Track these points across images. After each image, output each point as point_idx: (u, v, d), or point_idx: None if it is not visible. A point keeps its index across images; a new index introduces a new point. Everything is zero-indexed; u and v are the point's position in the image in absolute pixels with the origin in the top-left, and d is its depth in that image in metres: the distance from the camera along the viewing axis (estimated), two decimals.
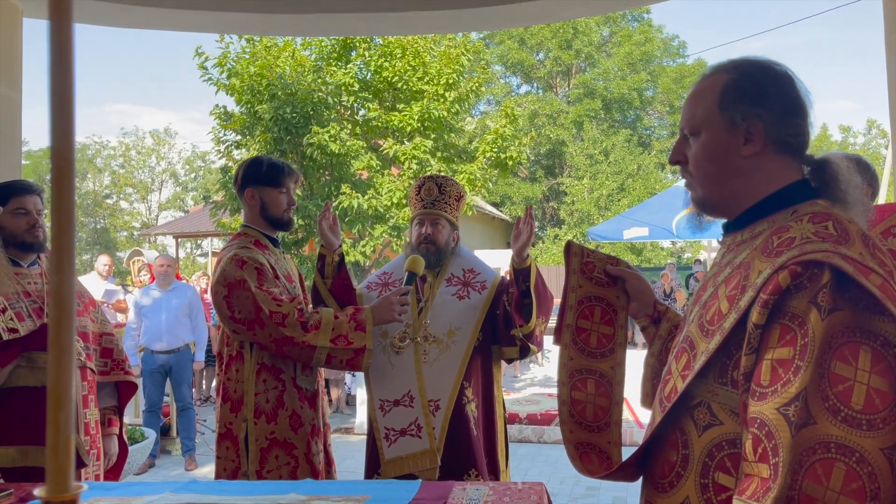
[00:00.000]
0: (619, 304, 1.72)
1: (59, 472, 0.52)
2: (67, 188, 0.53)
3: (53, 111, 0.53)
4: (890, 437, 0.97)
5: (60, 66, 0.53)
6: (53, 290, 0.52)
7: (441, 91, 8.35)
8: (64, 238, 0.53)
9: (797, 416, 1.00)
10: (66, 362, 0.53)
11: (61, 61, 0.53)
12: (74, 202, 0.53)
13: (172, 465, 6.20)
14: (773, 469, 1.00)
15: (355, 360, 2.41)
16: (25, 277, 2.46)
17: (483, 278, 2.75)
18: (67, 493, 0.52)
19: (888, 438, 0.97)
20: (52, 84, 0.53)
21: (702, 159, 1.31)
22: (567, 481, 5.53)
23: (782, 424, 1.01)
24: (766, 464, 1.02)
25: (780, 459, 1.00)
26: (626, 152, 27.07)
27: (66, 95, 0.53)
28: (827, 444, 0.98)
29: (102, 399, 2.68)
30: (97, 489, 1.37)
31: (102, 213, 39.35)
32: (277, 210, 2.60)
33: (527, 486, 1.25)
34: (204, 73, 8.15)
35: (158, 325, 6.13)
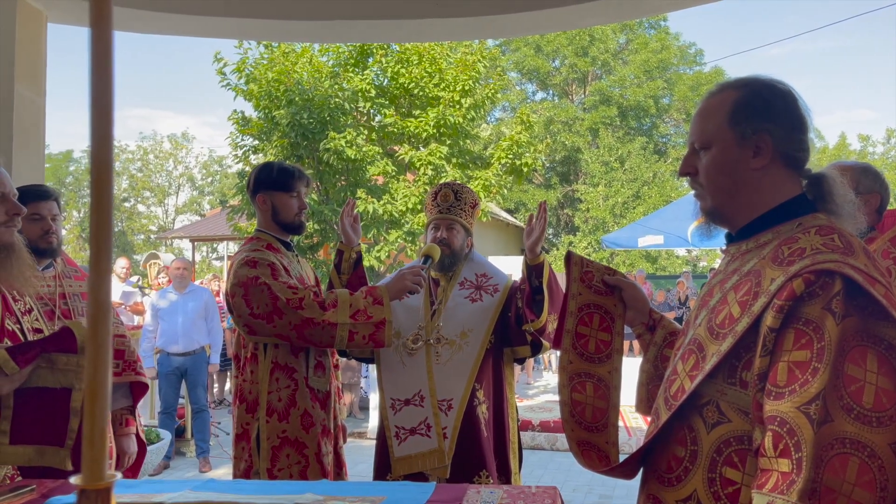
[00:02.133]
0: (616, 312, 1.80)
1: (95, 462, 0.54)
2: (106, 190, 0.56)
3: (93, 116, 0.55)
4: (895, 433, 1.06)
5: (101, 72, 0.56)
6: (91, 287, 0.55)
7: (457, 97, 8.39)
8: (102, 237, 0.55)
9: (818, 414, 1.07)
10: (103, 357, 0.55)
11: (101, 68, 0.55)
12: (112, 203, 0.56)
13: (187, 467, 6.25)
14: (796, 464, 1.07)
15: (377, 335, 2.43)
16: (38, 280, 2.50)
17: (495, 282, 2.78)
18: (102, 482, 0.54)
19: (894, 434, 1.06)
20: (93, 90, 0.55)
21: (713, 171, 1.38)
22: (580, 489, 5.52)
23: (804, 422, 1.08)
24: (788, 459, 1.08)
25: (804, 454, 1.07)
26: (642, 160, 26.95)
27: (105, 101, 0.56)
28: (843, 440, 1.06)
29: (118, 400, 2.72)
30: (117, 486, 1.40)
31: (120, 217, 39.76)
32: (289, 214, 2.65)
33: (540, 489, 1.27)
34: (223, 79, 8.24)
35: (175, 328, 6.19)
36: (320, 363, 2.62)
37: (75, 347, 1.50)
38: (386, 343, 2.46)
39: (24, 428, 1.47)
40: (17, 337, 1.70)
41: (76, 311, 2.55)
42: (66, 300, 2.53)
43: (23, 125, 3.00)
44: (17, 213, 1.70)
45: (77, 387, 1.52)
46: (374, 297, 2.46)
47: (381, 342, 2.45)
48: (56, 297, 2.51)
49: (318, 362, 2.61)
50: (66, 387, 1.52)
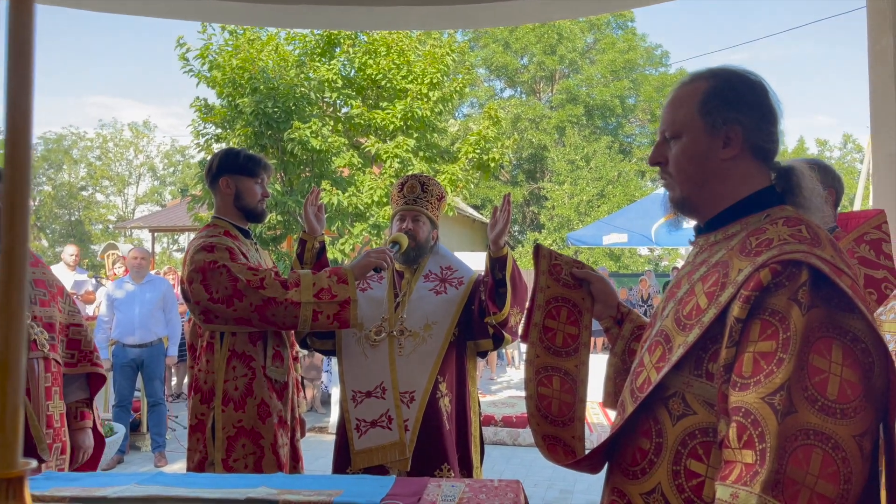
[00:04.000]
0: (584, 305, 1.79)
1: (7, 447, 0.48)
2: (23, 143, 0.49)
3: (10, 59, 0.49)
4: (860, 425, 1.06)
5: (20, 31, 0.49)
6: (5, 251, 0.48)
7: (425, 90, 8.33)
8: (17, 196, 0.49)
9: (782, 405, 1.07)
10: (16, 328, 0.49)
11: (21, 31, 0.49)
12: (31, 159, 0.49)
13: (142, 462, 6.09)
14: (760, 455, 1.07)
15: (342, 314, 2.38)
16: None
17: (460, 275, 2.76)
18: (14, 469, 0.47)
19: (859, 426, 1.06)
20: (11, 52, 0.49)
21: (682, 161, 1.37)
22: (541, 484, 5.53)
23: (768, 413, 1.07)
24: (752, 450, 1.08)
25: (768, 445, 1.06)
26: (607, 159, 27.22)
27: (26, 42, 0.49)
28: (806, 431, 1.05)
29: (73, 392, 2.62)
30: (59, 479, 1.32)
31: (77, 206, 38.77)
32: (252, 200, 2.59)
33: (503, 483, 1.23)
34: (185, 65, 8.05)
35: (131, 319, 6.02)
36: (278, 353, 2.56)
37: None
38: (351, 322, 2.41)
39: None
40: None
41: (29, 298, 2.43)
42: None
43: None
44: None
45: None
46: (338, 276, 2.41)
47: (345, 321, 2.40)
48: None
49: (276, 352, 2.55)
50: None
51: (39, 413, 2.35)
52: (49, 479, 1.33)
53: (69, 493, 1.20)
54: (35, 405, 2.34)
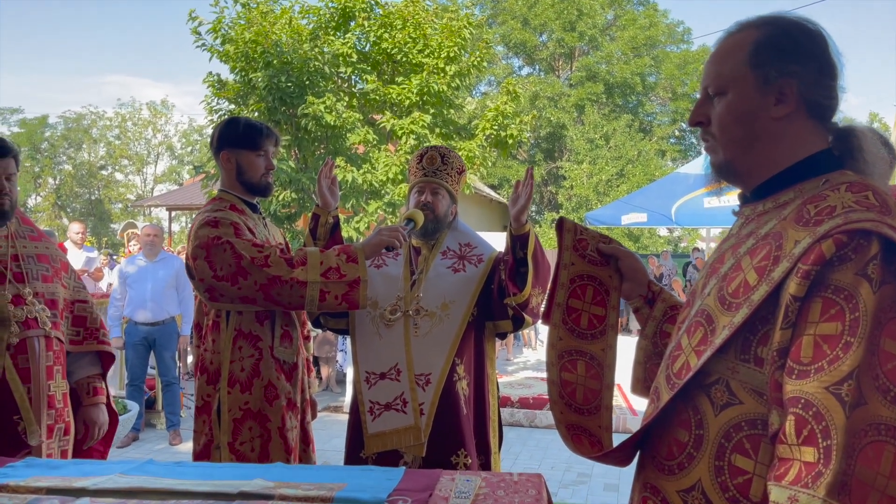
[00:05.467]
0: (611, 284, 1.65)
1: None
2: None
3: None
4: None
5: None
6: None
7: (441, 64, 8.14)
8: None
9: (850, 396, 0.94)
10: None
11: None
12: None
13: (157, 440, 6.08)
14: (824, 453, 0.94)
15: (351, 295, 2.26)
16: None
17: (480, 252, 2.62)
18: None
19: None
20: None
21: (728, 120, 1.23)
22: (558, 467, 5.43)
23: (834, 405, 0.95)
24: (814, 447, 0.95)
25: (833, 442, 0.94)
26: (627, 138, 26.86)
27: None
28: (877, 425, 0.94)
29: (84, 367, 2.54)
30: (40, 467, 1.22)
31: (97, 185, 39.07)
32: (255, 174, 2.46)
33: (524, 477, 1.10)
34: (197, 39, 7.92)
35: (143, 296, 5.94)
36: (287, 333, 2.44)
37: None
38: (360, 304, 2.28)
39: None
40: None
41: (30, 273, 2.34)
42: (19, 262, 2.32)
43: None
44: None
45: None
46: (347, 255, 2.28)
47: (354, 303, 2.27)
48: (8, 258, 2.30)
49: (284, 332, 2.43)
50: None
51: (40, 393, 2.26)
52: (29, 466, 1.23)
53: (47, 484, 1.10)
54: (35, 385, 2.26)
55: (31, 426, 1.62)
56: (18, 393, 1.64)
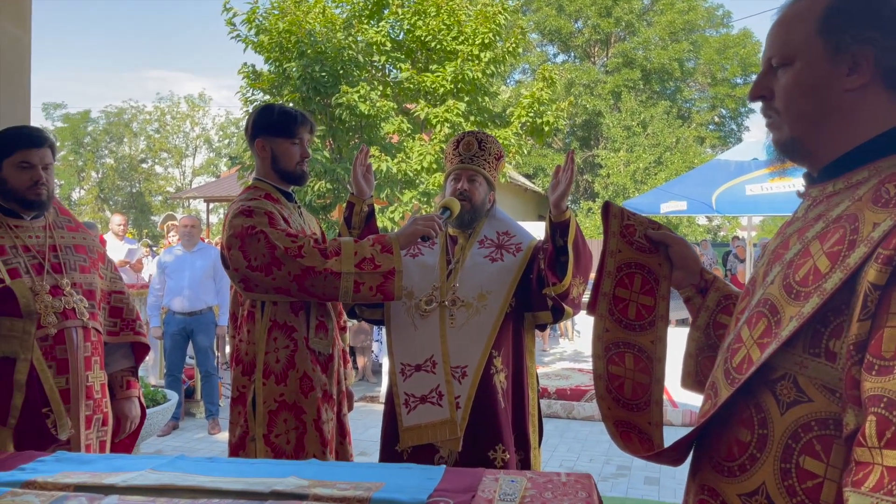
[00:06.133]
0: (661, 272, 1.56)
1: None
2: None
3: None
4: None
5: None
6: None
7: (476, 51, 8.03)
8: None
9: None
10: None
11: None
12: None
13: (196, 429, 6.15)
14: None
15: (386, 286, 2.20)
16: (26, 230, 2.28)
17: (518, 240, 2.54)
18: None
19: None
20: None
21: (794, 92, 1.12)
22: (597, 459, 5.34)
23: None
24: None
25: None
26: (665, 125, 26.37)
27: None
28: None
29: (118, 360, 2.53)
30: (70, 462, 1.19)
31: (138, 178, 39.86)
32: (289, 163, 2.41)
33: (572, 478, 1.03)
34: (232, 30, 7.95)
35: (181, 285, 6.01)
36: (322, 323, 2.40)
37: (18, 310, 1.26)
38: (396, 295, 2.23)
39: None
40: None
41: (68, 264, 2.34)
42: (56, 252, 2.31)
43: (6, 64, 2.75)
44: None
45: (21, 356, 1.29)
46: (382, 245, 2.23)
47: (389, 294, 2.21)
48: (46, 249, 2.29)
49: (319, 322, 2.39)
50: (9, 356, 1.28)
51: (78, 384, 2.26)
52: (59, 460, 1.20)
53: (75, 480, 1.07)
54: (73, 375, 2.25)
55: (61, 419, 1.60)
56: (48, 385, 1.62)
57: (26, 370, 1.31)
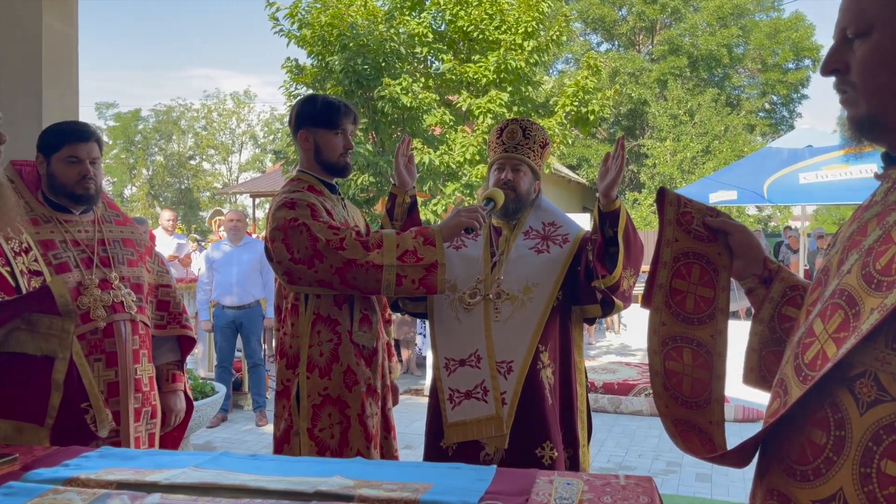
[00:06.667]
0: (720, 262, 1.48)
1: None
2: None
3: None
4: None
5: None
6: None
7: (519, 40, 7.92)
8: None
9: None
10: None
11: None
12: None
13: (244, 420, 6.24)
14: None
15: (428, 279, 2.15)
16: (75, 225, 2.30)
17: (565, 231, 2.46)
18: None
19: None
20: None
21: (873, 64, 1.04)
22: (646, 455, 5.22)
23: None
24: None
25: None
26: (713, 112, 25.72)
27: None
28: None
29: (164, 354, 2.55)
30: (113, 458, 1.18)
31: (186, 174, 40.75)
32: (332, 154, 2.38)
33: (632, 481, 0.97)
34: (275, 24, 8.01)
35: (229, 280, 6.11)
36: (366, 317, 2.37)
37: (56, 308, 1.25)
38: (438, 289, 2.17)
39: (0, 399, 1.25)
40: (4, 282, 1.47)
41: (116, 258, 2.36)
42: (105, 247, 2.33)
43: (53, 60, 2.79)
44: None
45: (60, 355, 1.28)
46: (424, 237, 2.18)
47: (432, 287, 2.16)
48: (94, 243, 2.31)
49: (363, 315, 2.35)
50: (48, 354, 1.28)
51: (127, 377, 2.28)
52: (103, 456, 1.19)
53: (118, 477, 1.05)
54: (122, 368, 2.27)
55: (100, 415, 1.59)
56: (87, 379, 1.62)
57: (64, 369, 1.30)
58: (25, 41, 2.69)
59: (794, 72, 29.14)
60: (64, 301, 1.26)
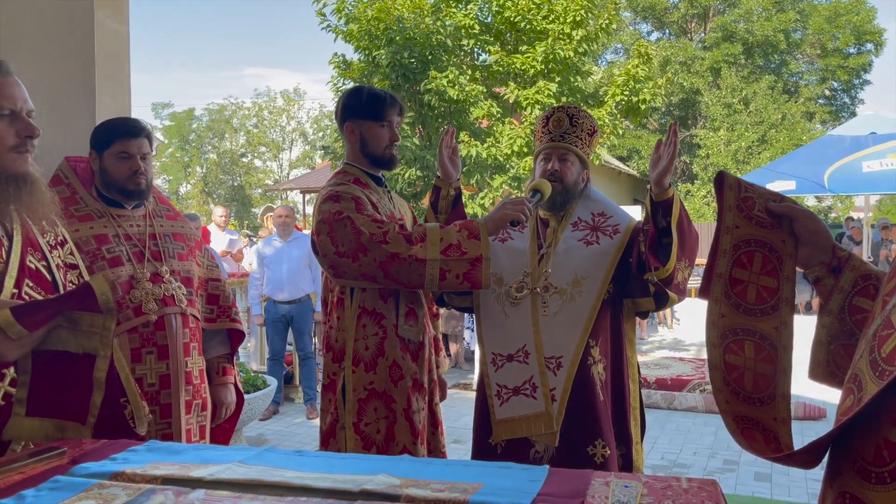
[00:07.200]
0: (784, 249, 1.39)
1: None
2: None
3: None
4: None
5: None
6: None
7: (567, 30, 7.79)
8: None
9: None
10: None
11: None
12: None
13: (295, 413, 6.31)
14: None
15: (473, 273, 2.11)
16: (127, 220, 2.33)
17: (615, 222, 2.38)
18: None
19: None
20: None
21: None
22: (701, 453, 5.08)
23: None
24: None
25: None
26: (770, 100, 24.90)
27: None
28: None
29: (215, 347, 2.57)
30: (161, 452, 1.17)
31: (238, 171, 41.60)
32: (378, 146, 2.35)
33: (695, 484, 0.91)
34: (322, 21, 8.06)
35: (280, 276, 6.19)
36: (412, 311, 2.33)
37: (97, 306, 1.25)
38: (483, 283, 2.12)
39: (42, 398, 1.25)
40: (41, 276, 1.48)
41: (167, 252, 2.38)
42: (156, 241, 2.36)
43: (106, 58, 2.84)
44: (29, 136, 1.44)
45: (101, 353, 1.28)
46: (469, 231, 2.13)
47: (477, 281, 2.12)
48: (146, 237, 2.35)
49: (409, 309, 2.32)
50: (89, 352, 1.28)
51: (178, 370, 2.30)
52: (151, 450, 1.19)
53: (164, 472, 1.04)
54: (173, 361, 2.30)
55: (138, 412, 1.60)
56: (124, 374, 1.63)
57: (106, 367, 1.31)
58: (79, 40, 2.74)
59: (856, 56, 28.00)
60: (106, 299, 1.25)
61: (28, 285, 1.44)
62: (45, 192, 1.49)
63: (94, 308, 1.25)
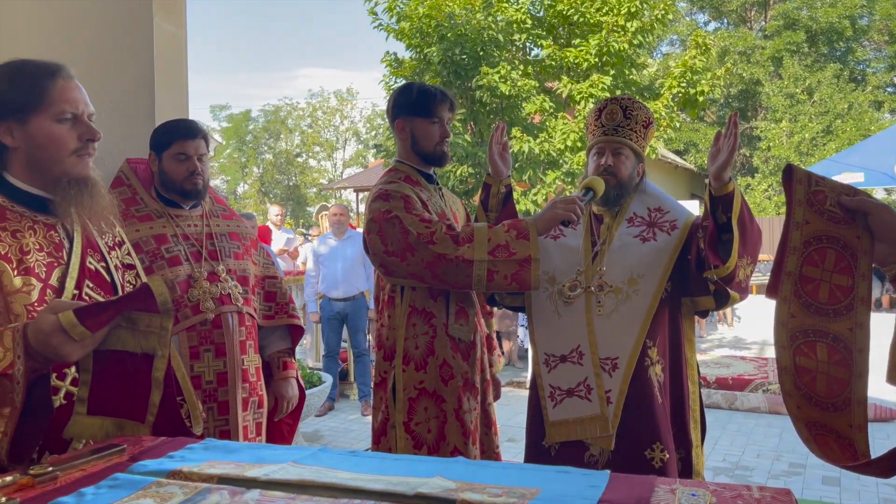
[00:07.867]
0: (859, 246, 1.31)
1: None
2: None
3: None
4: None
5: None
6: None
7: (622, 21, 7.62)
8: None
9: None
10: None
11: None
12: None
13: (350, 409, 6.38)
14: None
15: (521, 274, 2.07)
16: (185, 220, 2.38)
17: (673, 217, 2.29)
18: None
19: None
20: None
21: None
22: (765, 455, 4.91)
23: None
24: None
25: None
26: (835, 90, 23.94)
27: None
28: None
29: (275, 342, 2.60)
30: (217, 450, 1.18)
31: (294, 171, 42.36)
32: (429, 143, 2.33)
33: (767, 493, 0.85)
34: (374, 19, 8.11)
35: (335, 274, 6.27)
36: (462, 309, 2.31)
37: (156, 306, 1.27)
38: (532, 284, 2.08)
39: (103, 396, 1.28)
40: (101, 277, 1.52)
41: (223, 251, 2.43)
42: (213, 240, 2.41)
43: (164, 61, 2.90)
44: (90, 139, 1.47)
45: (160, 353, 1.30)
46: (517, 231, 2.09)
47: (525, 283, 2.08)
48: (203, 237, 2.39)
49: (459, 308, 2.30)
50: (148, 352, 1.30)
51: (235, 367, 2.33)
52: (207, 448, 1.20)
53: (219, 471, 1.05)
54: (230, 359, 2.33)
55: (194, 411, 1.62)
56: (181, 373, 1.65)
57: (164, 367, 1.33)
58: (137, 43, 2.80)
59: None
60: (164, 299, 1.27)
61: (88, 286, 1.48)
62: (104, 195, 1.52)
63: (152, 308, 1.27)
